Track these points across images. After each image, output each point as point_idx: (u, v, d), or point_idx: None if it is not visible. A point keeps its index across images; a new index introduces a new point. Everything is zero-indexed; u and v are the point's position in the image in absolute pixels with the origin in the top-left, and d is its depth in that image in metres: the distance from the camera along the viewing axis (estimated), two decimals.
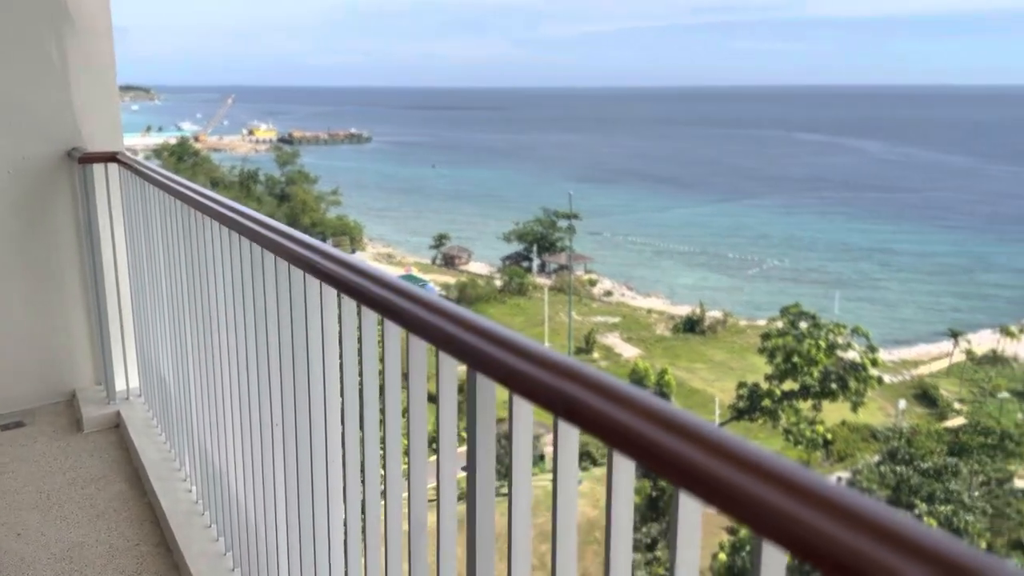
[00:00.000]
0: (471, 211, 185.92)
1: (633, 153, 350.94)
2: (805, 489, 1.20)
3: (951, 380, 76.47)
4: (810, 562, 1.16)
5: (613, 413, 1.55)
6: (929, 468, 40.94)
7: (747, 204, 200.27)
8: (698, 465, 1.32)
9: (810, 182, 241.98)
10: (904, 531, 1.08)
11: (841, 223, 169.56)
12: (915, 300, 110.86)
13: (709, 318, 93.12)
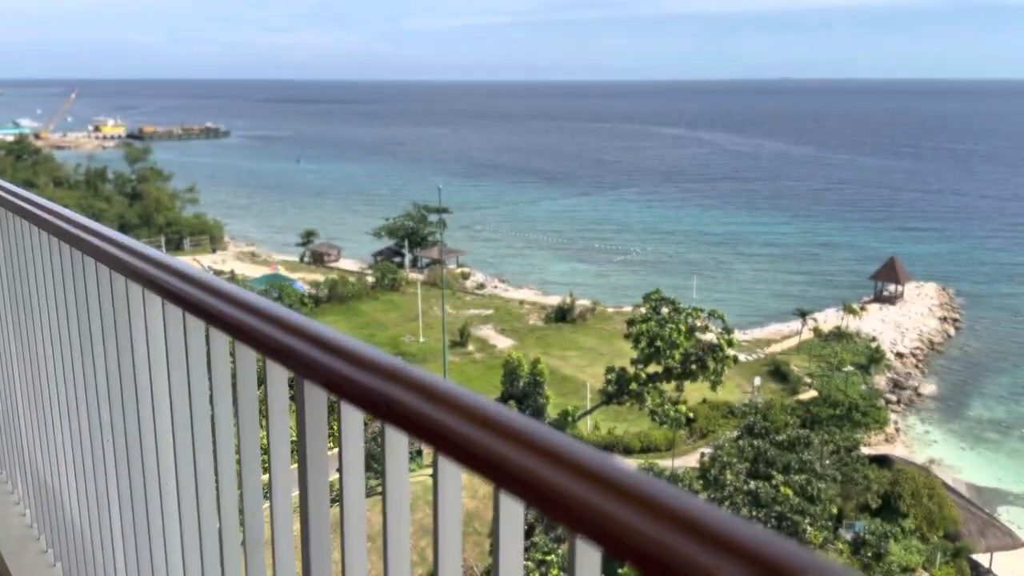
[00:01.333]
0: (339, 207, 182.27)
1: (501, 147, 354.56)
2: (621, 486, 1.18)
3: (801, 356, 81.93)
4: (626, 560, 1.15)
5: (433, 414, 1.49)
6: (784, 440, 43.84)
7: (611, 196, 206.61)
8: (517, 465, 1.29)
9: (669, 174, 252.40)
10: (721, 527, 1.05)
11: (698, 212, 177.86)
12: (766, 283, 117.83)
13: (579, 307, 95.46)
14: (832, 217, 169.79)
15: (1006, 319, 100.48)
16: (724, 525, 1.06)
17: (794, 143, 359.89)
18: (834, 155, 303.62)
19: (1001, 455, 66.75)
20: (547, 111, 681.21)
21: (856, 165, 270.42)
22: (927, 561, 47.03)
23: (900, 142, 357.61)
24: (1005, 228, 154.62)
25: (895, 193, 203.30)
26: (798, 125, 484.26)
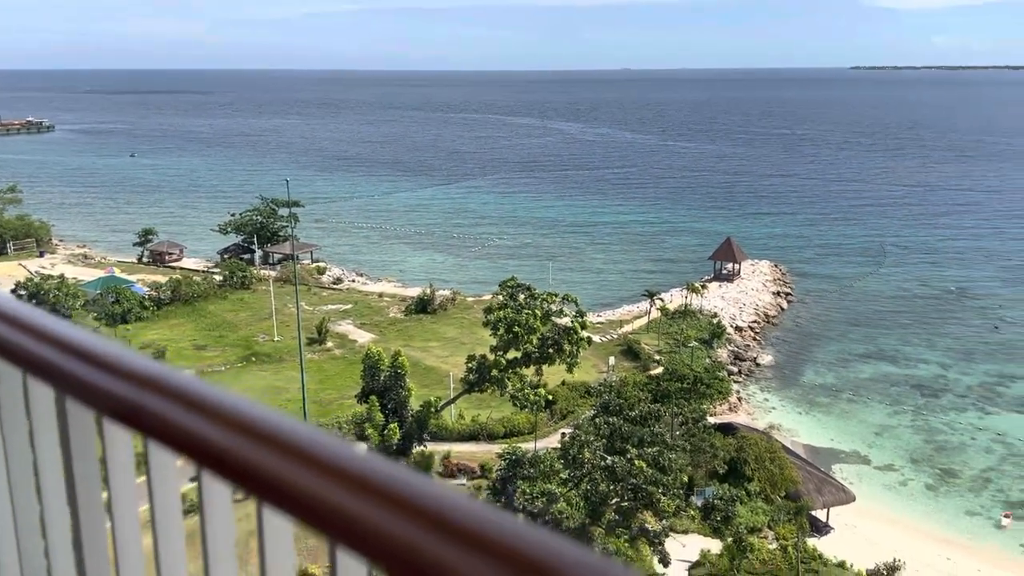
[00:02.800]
0: (180, 203, 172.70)
1: (353, 138, 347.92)
2: (351, 474, 1.12)
3: (651, 335, 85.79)
4: (361, 554, 1.08)
5: (188, 423, 1.37)
6: (637, 416, 45.79)
7: (467, 186, 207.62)
8: (222, 448, 1.23)
9: (523, 163, 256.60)
10: (474, 524, 0.99)
11: (552, 200, 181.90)
12: (617, 267, 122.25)
13: (439, 297, 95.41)
14: (675, 202, 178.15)
15: (832, 291, 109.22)
16: (478, 522, 1.00)
17: (638, 132, 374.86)
18: (675, 143, 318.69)
19: (832, 417, 72.68)
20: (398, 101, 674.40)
21: (695, 152, 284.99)
22: (772, 520, 50.59)
23: (735, 129, 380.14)
24: (830, 208, 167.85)
25: (731, 177, 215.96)
26: (640, 115, 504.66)
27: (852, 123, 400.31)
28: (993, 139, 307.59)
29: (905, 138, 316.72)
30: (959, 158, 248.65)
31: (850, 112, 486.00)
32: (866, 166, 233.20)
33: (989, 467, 62.65)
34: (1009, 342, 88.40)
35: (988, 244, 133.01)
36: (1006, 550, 52.98)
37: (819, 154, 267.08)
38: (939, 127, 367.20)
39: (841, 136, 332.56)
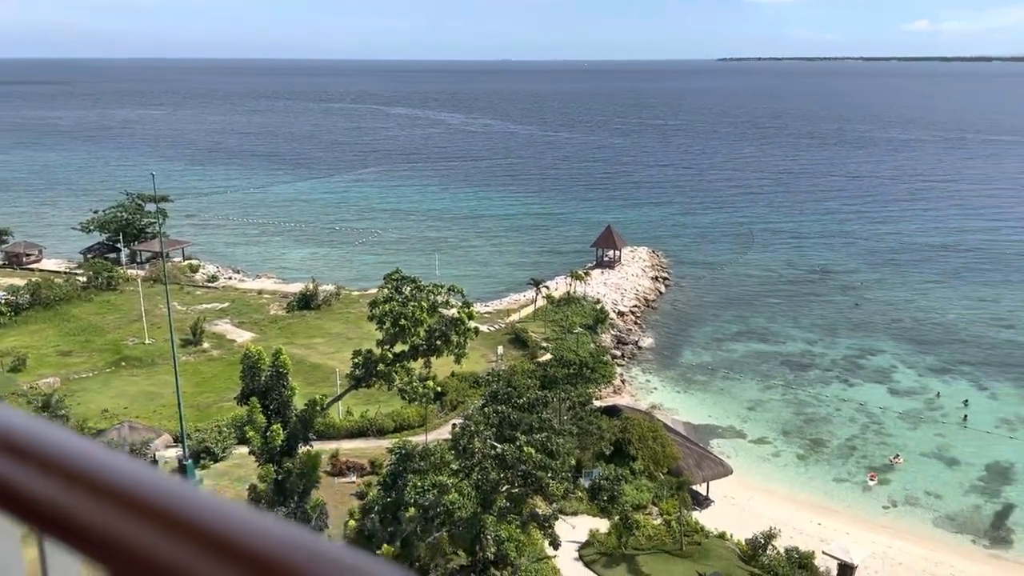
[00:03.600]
0: (37, 201, 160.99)
1: (226, 128, 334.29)
2: (58, 462, 1.03)
3: (537, 323, 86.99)
4: (75, 549, 0.99)
5: None
6: (525, 403, 46.30)
7: (349, 177, 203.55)
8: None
9: (406, 154, 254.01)
10: (198, 519, 0.91)
11: (437, 191, 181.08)
12: (503, 257, 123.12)
13: (323, 292, 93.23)
14: (558, 192, 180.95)
15: (706, 275, 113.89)
16: (209, 518, 0.92)
17: (520, 123, 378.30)
18: (556, 133, 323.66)
19: (709, 394, 75.93)
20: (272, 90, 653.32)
21: (576, 142, 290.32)
22: (656, 497, 52.40)
23: (612, 120, 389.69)
24: (704, 195, 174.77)
25: (611, 167, 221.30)
26: (521, 106, 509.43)
27: (721, 113, 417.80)
28: (852, 127, 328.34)
29: (771, 127, 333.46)
30: (821, 145, 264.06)
31: (719, 102, 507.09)
32: (735, 154, 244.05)
33: (853, 435, 67.08)
34: (868, 318, 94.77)
35: (849, 227, 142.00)
36: (869, 511, 56.95)
37: (692, 143, 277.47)
38: (802, 116, 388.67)
39: (711, 126, 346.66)
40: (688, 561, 44.41)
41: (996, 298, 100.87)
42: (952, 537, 53.70)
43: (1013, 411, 70.31)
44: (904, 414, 70.34)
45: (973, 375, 77.97)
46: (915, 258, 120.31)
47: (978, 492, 58.32)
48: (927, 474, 60.79)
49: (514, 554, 39.60)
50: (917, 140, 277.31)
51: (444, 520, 36.28)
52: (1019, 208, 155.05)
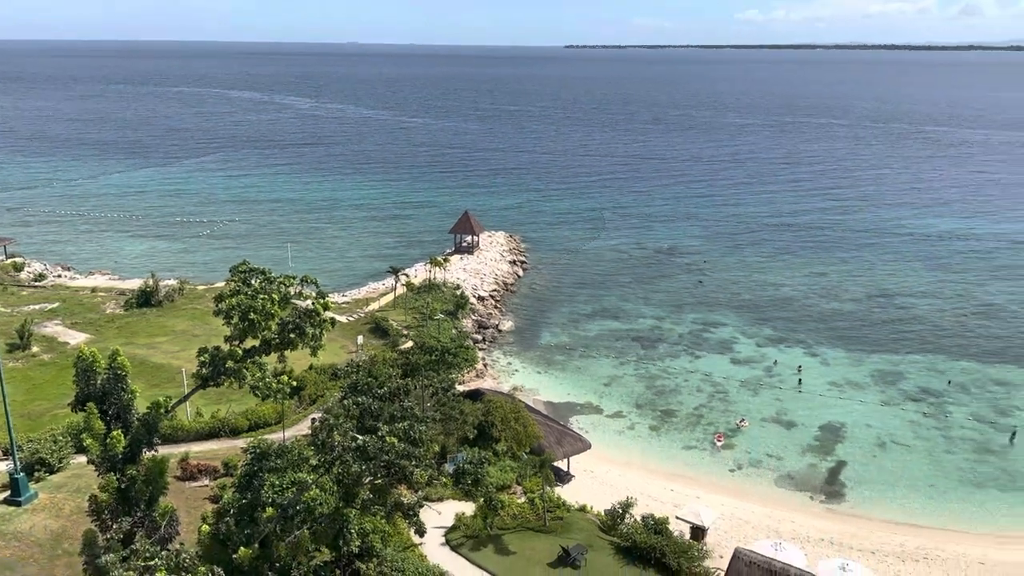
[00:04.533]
0: None
1: (51, 116, 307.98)
2: None
3: (398, 311, 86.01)
4: None
5: None
6: (386, 392, 45.62)
7: (189, 165, 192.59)
8: None
9: (252, 140, 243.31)
10: None
11: (287, 179, 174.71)
12: (360, 245, 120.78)
13: (164, 288, 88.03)
14: (415, 178, 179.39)
15: (561, 258, 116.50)
16: None
17: (373, 108, 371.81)
18: (410, 119, 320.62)
19: (568, 373, 77.86)
20: (99, 74, 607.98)
21: (431, 128, 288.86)
22: (519, 476, 53.23)
23: (466, 106, 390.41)
24: (557, 180, 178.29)
25: (467, 153, 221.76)
26: (373, 90, 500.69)
27: (571, 100, 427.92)
28: (694, 113, 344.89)
29: (620, 114, 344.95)
30: (666, 131, 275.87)
31: (569, 90, 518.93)
32: (587, 140, 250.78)
33: (700, 404, 70.80)
34: (711, 294, 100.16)
35: (693, 208, 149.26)
36: (718, 475, 60.33)
37: (545, 130, 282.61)
38: (648, 103, 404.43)
39: (563, 112, 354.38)
40: (552, 536, 45.42)
41: (825, 272, 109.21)
42: (792, 495, 57.81)
43: (841, 375, 76.48)
44: (745, 382, 74.95)
45: (806, 343, 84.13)
46: (753, 237, 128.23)
47: (813, 452, 63.06)
48: (768, 437, 65.08)
49: (379, 545, 39.03)
50: (753, 125, 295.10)
51: (305, 518, 35.17)
52: (847, 189, 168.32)
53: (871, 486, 58.35)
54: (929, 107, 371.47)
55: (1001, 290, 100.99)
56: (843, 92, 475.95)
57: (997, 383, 74.51)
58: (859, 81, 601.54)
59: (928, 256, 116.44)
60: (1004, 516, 54.85)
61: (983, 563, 48.72)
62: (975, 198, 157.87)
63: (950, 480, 59.14)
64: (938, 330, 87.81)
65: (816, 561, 44.49)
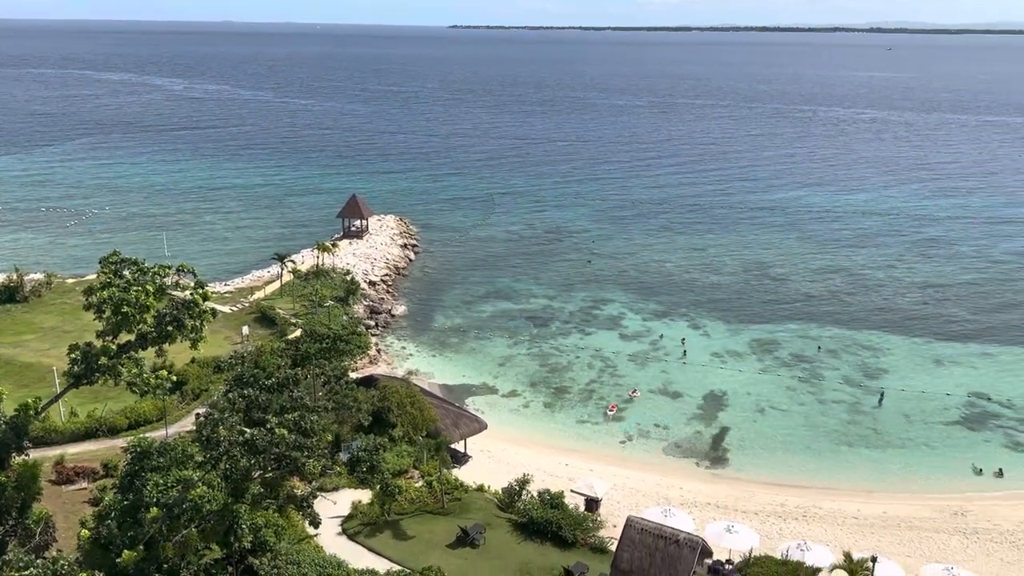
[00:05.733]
0: None
1: None
2: None
3: (285, 299, 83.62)
4: None
5: None
6: (274, 383, 44.37)
7: (53, 152, 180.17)
8: None
9: (121, 124, 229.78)
10: None
11: (160, 165, 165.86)
12: (242, 232, 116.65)
13: (30, 282, 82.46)
14: (300, 161, 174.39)
15: (453, 240, 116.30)
16: None
17: (252, 88, 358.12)
18: (293, 100, 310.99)
19: (462, 355, 78.05)
20: None
21: (315, 109, 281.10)
22: (416, 460, 53.08)
23: (350, 86, 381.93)
24: (447, 161, 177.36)
25: (353, 134, 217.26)
26: (250, 70, 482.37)
27: (459, 81, 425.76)
28: (579, 94, 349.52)
29: (507, 95, 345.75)
30: (553, 112, 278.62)
31: (455, 70, 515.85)
32: (476, 121, 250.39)
33: (592, 380, 72.51)
34: (599, 272, 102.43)
35: (580, 188, 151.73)
36: (610, 448, 62.06)
37: (433, 111, 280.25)
38: (534, 84, 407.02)
39: (451, 93, 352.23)
40: (450, 517, 45.62)
41: (704, 247, 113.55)
42: (680, 462, 60.17)
43: (722, 345, 79.93)
44: (634, 356, 77.24)
45: (689, 316, 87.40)
46: (638, 216, 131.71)
47: (699, 420, 65.76)
48: (656, 408, 67.40)
49: (273, 539, 38.15)
50: (635, 106, 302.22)
51: (192, 516, 33.94)
52: (725, 167, 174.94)
53: (752, 450, 61.44)
54: (800, 87, 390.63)
55: (867, 260, 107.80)
56: (720, 73, 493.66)
57: (864, 347, 79.71)
58: (734, 63, 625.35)
59: (799, 230, 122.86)
60: (874, 472, 58.90)
61: (856, 517, 52.22)
62: (843, 174, 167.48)
63: (825, 441, 62.97)
64: (809, 299, 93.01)
65: (704, 525, 46.55)
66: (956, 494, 55.50)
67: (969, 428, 64.60)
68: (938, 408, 67.47)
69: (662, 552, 37.98)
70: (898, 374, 73.70)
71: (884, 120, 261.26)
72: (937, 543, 49.14)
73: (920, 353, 78.64)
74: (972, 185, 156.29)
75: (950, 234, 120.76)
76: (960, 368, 75.45)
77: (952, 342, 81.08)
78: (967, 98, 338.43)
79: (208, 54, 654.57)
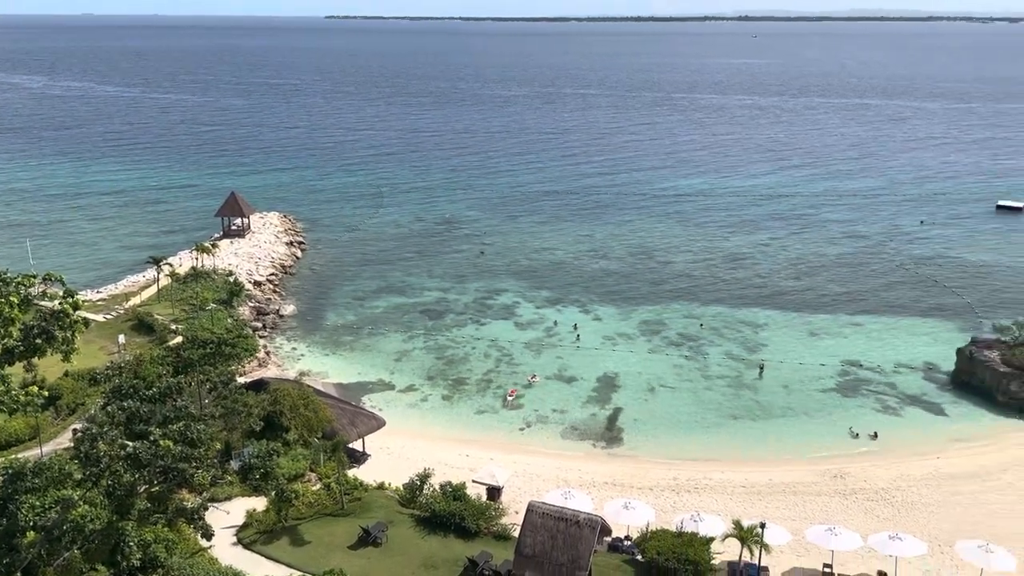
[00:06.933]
0: None
1: None
2: None
3: (164, 304, 79.78)
4: None
5: None
6: (156, 393, 42.22)
7: None
8: None
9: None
10: None
11: (19, 167, 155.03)
12: (114, 235, 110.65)
13: None
14: (174, 159, 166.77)
15: (342, 235, 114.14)
16: None
17: (118, 84, 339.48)
18: (164, 95, 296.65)
19: (357, 353, 76.79)
20: None
21: (189, 104, 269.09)
22: (313, 463, 51.87)
23: (226, 80, 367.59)
24: (332, 156, 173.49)
25: (232, 130, 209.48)
26: (116, 64, 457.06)
27: (342, 73, 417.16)
28: (463, 85, 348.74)
29: (391, 87, 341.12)
30: (439, 104, 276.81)
31: (336, 62, 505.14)
32: (361, 114, 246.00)
33: (489, 369, 72.86)
34: (492, 262, 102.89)
35: (469, 180, 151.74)
36: (509, 435, 62.57)
37: (315, 104, 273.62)
38: (418, 76, 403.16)
39: (332, 86, 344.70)
40: (351, 518, 44.90)
41: (592, 233, 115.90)
42: (577, 444, 61.37)
43: (613, 328, 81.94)
44: (529, 344, 78.13)
45: (580, 302, 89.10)
46: (527, 205, 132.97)
47: (593, 402, 67.22)
48: (552, 394, 68.44)
49: (164, 555, 36.57)
50: (520, 96, 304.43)
51: (74, 537, 32.09)
52: (609, 155, 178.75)
53: (645, 428, 63.36)
54: (676, 75, 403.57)
55: (743, 240, 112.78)
56: (600, 64, 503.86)
57: (744, 323, 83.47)
58: (611, 53, 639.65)
59: (681, 214, 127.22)
60: (759, 442, 61.83)
61: (744, 486, 54.72)
62: (719, 159, 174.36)
63: (712, 415, 65.64)
64: (692, 280, 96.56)
65: (602, 504, 47.68)
66: (835, 458, 59.00)
67: (844, 395, 68.77)
68: (814, 377, 71.51)
69: (563, 534, 38.67)
70: (776, 347, 77.62)
71: (755, 105, 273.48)
72: (820, 505, 52.12)
73: (796, 326, 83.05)
74: (838, 166, 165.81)
75: (819, 212, 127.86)
76: (833, 338, 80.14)
77: (824, 314, 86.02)
78: (834, 83, 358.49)
79: (69, 48, 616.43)
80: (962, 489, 53.73)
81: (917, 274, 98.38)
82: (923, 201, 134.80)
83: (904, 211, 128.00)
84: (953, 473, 55.86)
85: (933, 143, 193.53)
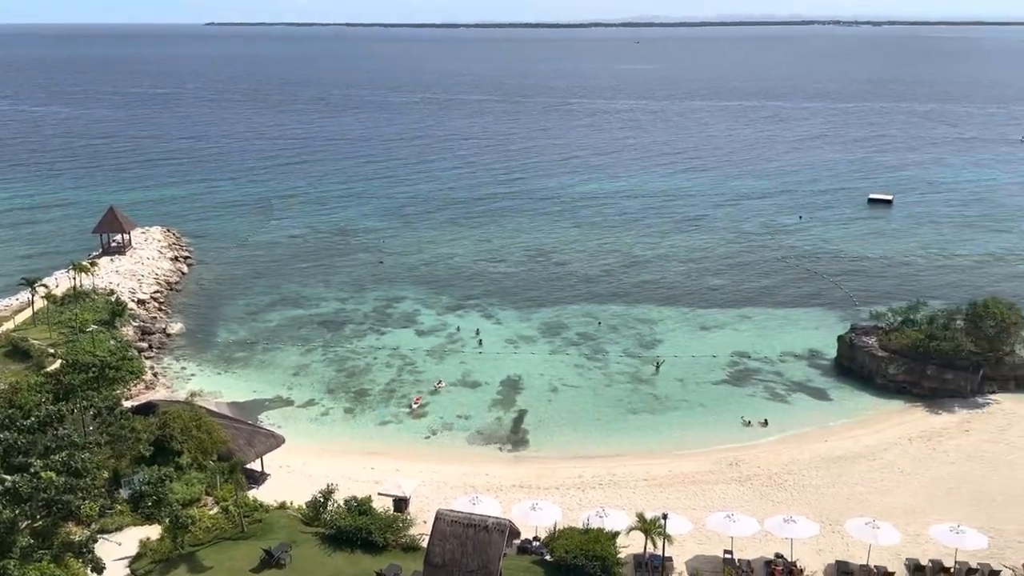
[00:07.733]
0: None
1: None
2: None
3: (40, 328, 75.02)
4: None
5: None
6: (35, 423, 39.52)
7: None
8: None
9: None
10: None
11: None
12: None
13: None
14: (46, 175, 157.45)
15: (231, 248, 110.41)
16: None
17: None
18: (35, 108, 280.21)
19: (251, 369, 74.33)
20: None
21: (63, 116, 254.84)
22: (209, 486, 49.82)
23: (101, 90, 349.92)
24: (218, 166, 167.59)
25: (109, 142, 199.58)
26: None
27: (223, 80, 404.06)
28: (354, 92, 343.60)
29: (280, 95, 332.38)
30: (330, 111, 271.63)
31: (219, 69, 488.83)
32: (249, 124, 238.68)
33: (392, 379, 71.96)
34: (390, 270, 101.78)
35: (364, 187, 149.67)
36: (414, 445, 61.90)
37: (199, 113, 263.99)
38: (307, 83, 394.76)
39: (215, 93, 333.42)
40: (252, 541, 43.36)
41: (489, 238, 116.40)
42: (483, 449, 61.38)
43: (514, 332, 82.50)
44: (432, 351, 77.66)
45: (481, 307, 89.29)
46: (424, 212, 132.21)
47: (498, 406, 67.41)
48: (456, 400, 68.22)
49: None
50: (412, 102, 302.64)
51: None
52: (504, 160, 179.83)
53: (549, 428, 64.04)
54: (564, 81, 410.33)
55: (635, 240, 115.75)
56: (489, 69, 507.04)
57: (640, 320, 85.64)
58: (499, 59, 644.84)
59: (575, 216, 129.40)
60: (658, 435, 63.50)
61: (646, 479, 56.06)
62: (609, 161, 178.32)
63: (612, 411, 67.00)
64: (589, 280, 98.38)
65: (510, 507, 47.82)
66: (730, 446, 61.25)
67: (735, 385, 71.52)
68: (707, 370, 74.09)
69: (472, 540, 38.56)
70: (671, 342, 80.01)
71: (645, 109, 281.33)
72: (718, 493, 53.97)
73: (688, 321, 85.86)
74: (725, 168, 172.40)
75: (705, 211, 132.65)
76: (723, 332, 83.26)
77: (714, 309, 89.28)
78: (716, 85, 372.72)
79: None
80: (849, 469, 56.74)
81: (798, 267, 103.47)
82: (802, 197, 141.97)
83: (785, 208, 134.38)
84: (840, 455, 58.93)
85: (813, 143, 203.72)
